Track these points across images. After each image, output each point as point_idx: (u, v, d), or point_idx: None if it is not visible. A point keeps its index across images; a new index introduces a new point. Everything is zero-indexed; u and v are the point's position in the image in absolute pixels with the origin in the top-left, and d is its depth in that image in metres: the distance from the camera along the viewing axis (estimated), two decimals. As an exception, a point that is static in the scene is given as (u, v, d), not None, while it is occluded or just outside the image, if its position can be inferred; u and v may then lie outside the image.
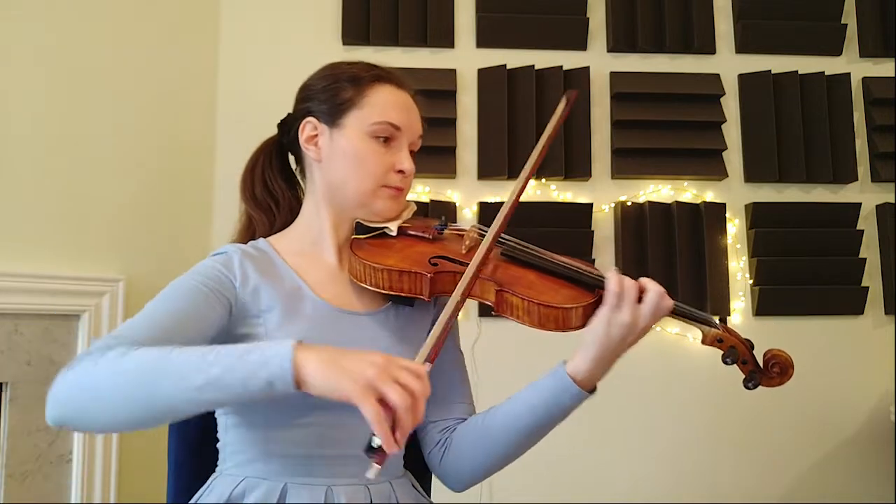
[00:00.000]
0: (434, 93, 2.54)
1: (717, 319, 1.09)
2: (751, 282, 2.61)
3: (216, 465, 1.09)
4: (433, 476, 1.25)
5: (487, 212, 2.52)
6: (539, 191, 2.59)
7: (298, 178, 1.22)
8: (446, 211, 2.51)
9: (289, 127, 1.18)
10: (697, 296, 2.54)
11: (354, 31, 2.61)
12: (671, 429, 2.54)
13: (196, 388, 0.82)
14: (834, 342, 2.59)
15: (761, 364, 1.08)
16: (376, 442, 0.78)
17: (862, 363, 2.60)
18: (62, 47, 2.02)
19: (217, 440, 1.10)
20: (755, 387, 1.07)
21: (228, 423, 1.06)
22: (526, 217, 2.48)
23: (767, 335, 1.95)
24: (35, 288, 1.87)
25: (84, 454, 1.97)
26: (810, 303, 2.59)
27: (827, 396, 2.57)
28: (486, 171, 2.58)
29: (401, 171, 1.12)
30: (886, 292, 2.62)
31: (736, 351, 1.07)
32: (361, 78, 1.12)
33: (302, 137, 1.14)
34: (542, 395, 1.05)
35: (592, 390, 1.05)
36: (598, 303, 1.03)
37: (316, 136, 1.13)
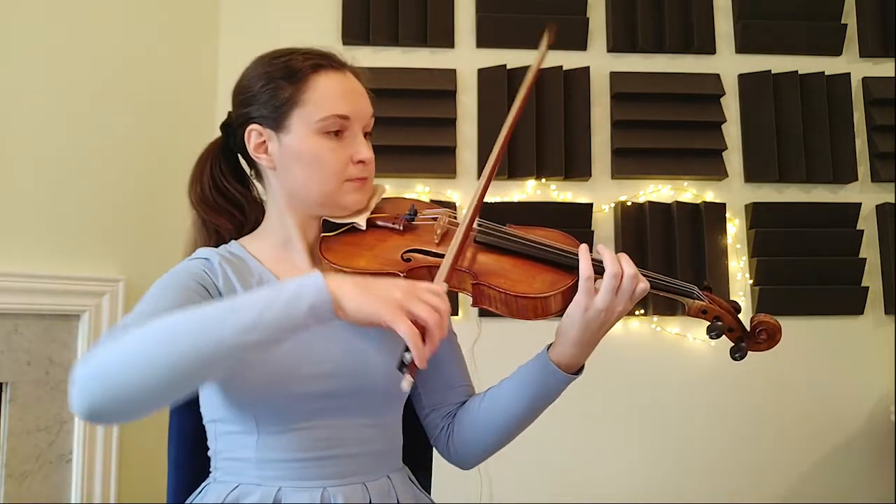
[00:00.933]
0: (434, 93, 2.53)
1: (699, 289, 1.06)
2: (751, 282, 2.61)
3: (214, 468, 1.08)
4: (432, 475, 1.25)
5: (488, 212, 2.52)
6: (539, 191, 2.59)
7: (254, 181, 1.17)
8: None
9: (232, 130, 1.12)
10: (697, 296, 2.55)
11: (354, 31, 2.61)
12: (671, 429, 2.54)
13: (241, 328, 0.80)
14: (834, 342, 2.59)
15: (748, 329, 1.06)
16: (408, 358, 0.84)
17: (862, 363, 2.60)
18: (62, 47, 2.03)
19: (213, 445, 1.08)
20: (742, 357, 1.05)
21: (219, 431, 1.04)
22: (526, 217, 2.48)
23: (767, 335, 1.94)
24: (35, 288, 1.87)
25: (84, 454, 1.97)
26: (810, 303, 2.59)
27: (827, 396, 2.57)
28: (486, 171, 2.57)
29: (361, 161, 1.06)
30: (886, 292, 2.62)
31: (721, 322, 1.04)
32: (297, 71, 1.05)
33: (250, 146, 1.07)
34: (528, 385, 1.06)
35: (579, 370, 1.05)
36: (577, 284, 1.00)
37: (264, 142, 1.07)
